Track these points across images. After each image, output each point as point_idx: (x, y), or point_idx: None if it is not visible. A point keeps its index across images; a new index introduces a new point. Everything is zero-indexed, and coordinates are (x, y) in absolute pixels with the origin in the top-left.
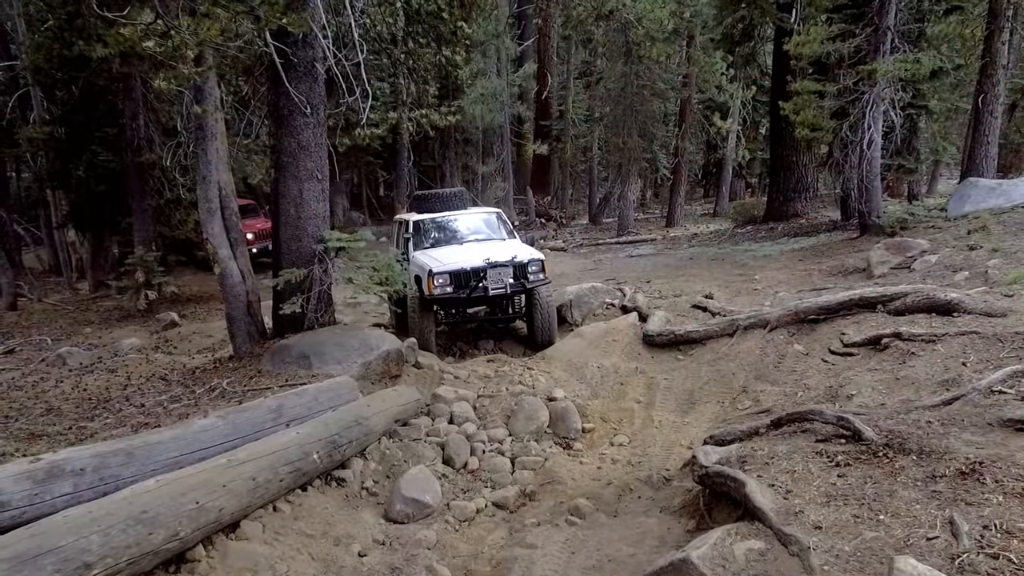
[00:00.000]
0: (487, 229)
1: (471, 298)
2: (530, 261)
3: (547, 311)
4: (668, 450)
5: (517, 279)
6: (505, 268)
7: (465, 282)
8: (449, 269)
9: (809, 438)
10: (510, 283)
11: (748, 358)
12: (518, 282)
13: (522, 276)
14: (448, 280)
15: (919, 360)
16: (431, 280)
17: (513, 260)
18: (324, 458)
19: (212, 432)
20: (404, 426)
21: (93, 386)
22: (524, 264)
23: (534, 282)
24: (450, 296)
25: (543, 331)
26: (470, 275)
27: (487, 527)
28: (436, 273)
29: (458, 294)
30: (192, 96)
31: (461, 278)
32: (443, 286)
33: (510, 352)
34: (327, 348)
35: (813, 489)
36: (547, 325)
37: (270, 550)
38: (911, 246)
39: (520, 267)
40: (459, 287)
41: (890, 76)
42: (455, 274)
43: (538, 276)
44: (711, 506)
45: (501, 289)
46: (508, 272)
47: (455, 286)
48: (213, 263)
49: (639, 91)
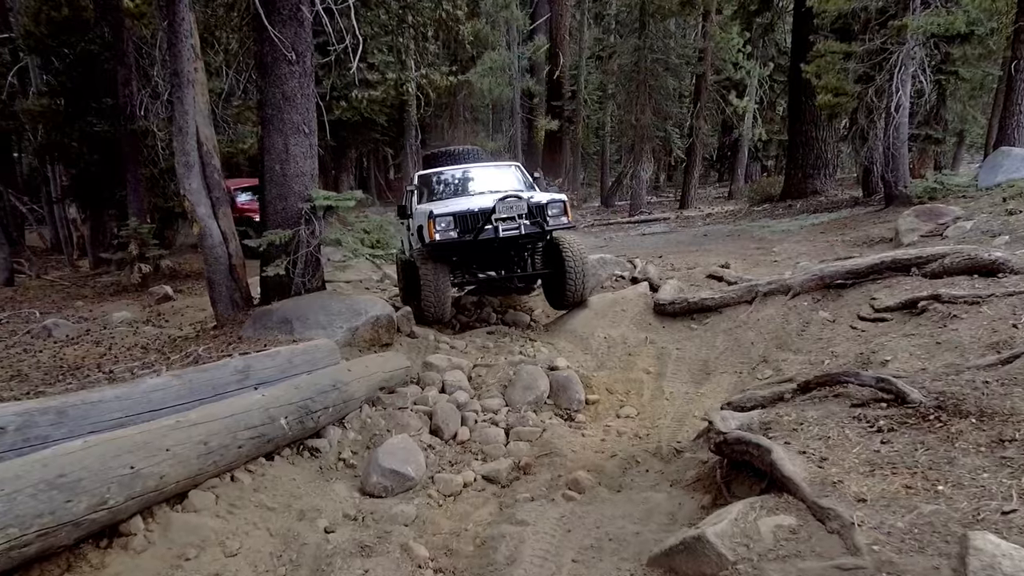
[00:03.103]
0: (503, 182)
1: (479, 244)
2: (550, 202)
3: (577, 260)
4: (680, 422)
5: (534, 220)
6: (518, 204)
7: (472, 225)
8: (452, 210)
9: (843, 403)
10: (525, 225)
11: (768, 326)
12: (535, 224)
13: (540, 217)
14: (452, 223)
15: (962, 323)
16: (432, 224)
17: (529, 199)
18: (294, 424)
19: (164, 392)
20: (391, 394)
21: (71, 356)
22: (542, 205)
23: (555, 224)
24: (455, 241)
25: (574, 285)
26: (477, 216)
27: (475, 502)
28: (438, 216)
29: (463, 238)
30: (166, 35)
31: (468, 220)
32: (446, 230)
33: (516, 325)
34: (311, 313)
35: (852, 457)
36: (578, 278)
37: (222, 524)
38: (943, 212)
39: (538, 207)
40: (465, 231)
41: (921, 32)
42: (460, 216)
43: (560, 220)
44: (730, 479)
45: (514, 230)
46: (522, 208)
47: (460, 230)
48: (191, 222)
49: (652, 66)
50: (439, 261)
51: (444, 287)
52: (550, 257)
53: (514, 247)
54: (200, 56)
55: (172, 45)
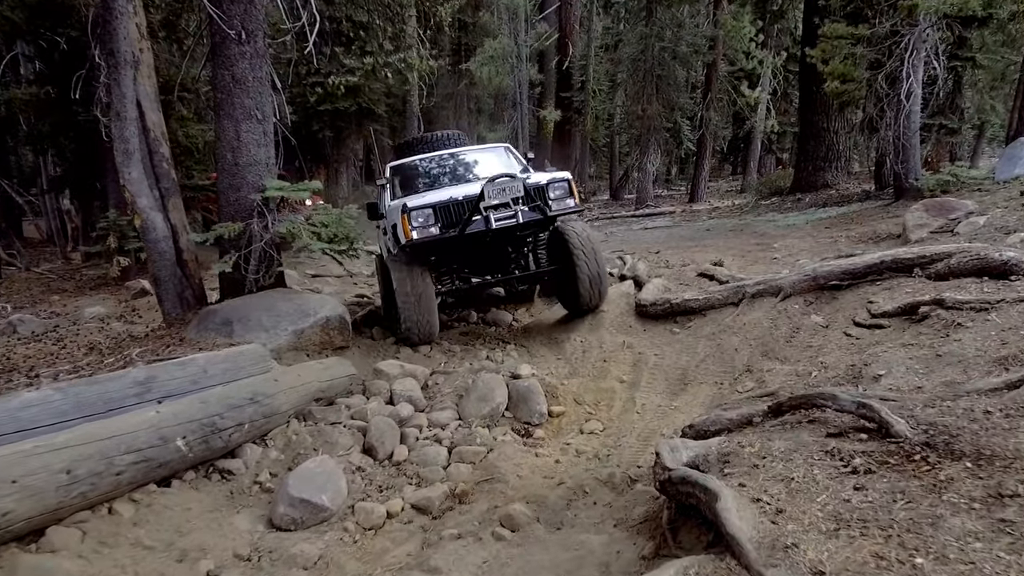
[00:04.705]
0: (492, 168)
1: (467, 240)
2: (551, 182)
3: (589, 253)
4: (645, 441)
5: (533, 204)
6: (512, 185)
7: (457, 217)
8: (431, 201)
9: (818, 431)
10: (523, 211)
11: (755, 331)
12: (535, 209)
13: (540, 201)
14: (431, 217)
15: (967, 333)
16: (406, 220)
17: (525, 179)
18: (196, 445)
19: (39, 409)
20: (328, 406)
21: (18, 355)
22: (542, 185)
23: (559, 209)
24: (436, 240)
25: (588, 285)
26: (463, 205)
27: (396, 537)
28: (413, 209)
29: (447, 234)
30: (100, 12)
31: (451, 211)
32: (425, 226)
33: (497, 324)
34: (255, 314)
35: (816, 508)
36: (592, 276)
37: (82, 567)
38: (954, 207)
39: (537, 189)
40: (448, 224)
41: (934, 13)
42: (441, 207)
43: (564, 203)
44: (677, 524)
45: (510, 219)
46: (517, 191)
47: (442, 224)
48: (132, 213)
49: (660, 55)
50: (419, 265)
51: (428, 299)
52: (555, 251)
53: (511, 241)
54: (146, 36)
55: (106, 23)
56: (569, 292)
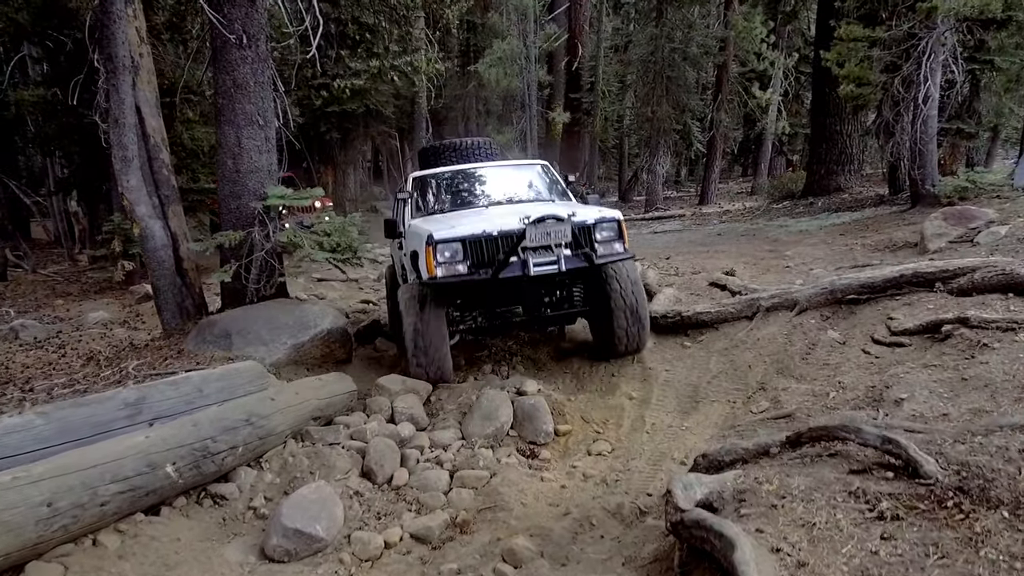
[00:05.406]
0: (528, 189)
1: (499, 285)
2: (598, 223)
3: (630, 299)
4: (656, 465)
5: (578, 250)
6: (559, 230)
7: (490, 256)
8: (460, 234)
9: (840, 467)
10: (566, 257)
11: (769, 347)
12: (579, 255)
13: (587, 245)
14: (459, 253)
15: (994, 355)
16: (431, 253)
17: (571, 218)
18: (187, 471)
19: (23, 435)
20: (326, 425)
21: (16, 364)
22: (589, 226)
23: (606, 255)
24: (464, 281)
25: (627, 331)
26: (497, 243)
27: (393, 571)
28: (439, 242)
29: (476, 275)
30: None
31: (482, 249)
32: (451, 263)
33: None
34: (254, 326)
35: (841, 561)
36: (631, 322)
37: None
38: (974, 215)
39: (584, 230)
40: (477, 264)
41: (953, 16)
42: (470, 242)
43: (612, 247)
44: (690, 567)
45: (551, 267)
46: (563, 236)
47: (472, 263)
48: (131, 221)
49: (670, 56)
50: (436, 307)
51: (440, 342)
52: (592, 290)
53: (547, 285)
54: (146, 41)
55: (104, 26)
56: (603, 335)
